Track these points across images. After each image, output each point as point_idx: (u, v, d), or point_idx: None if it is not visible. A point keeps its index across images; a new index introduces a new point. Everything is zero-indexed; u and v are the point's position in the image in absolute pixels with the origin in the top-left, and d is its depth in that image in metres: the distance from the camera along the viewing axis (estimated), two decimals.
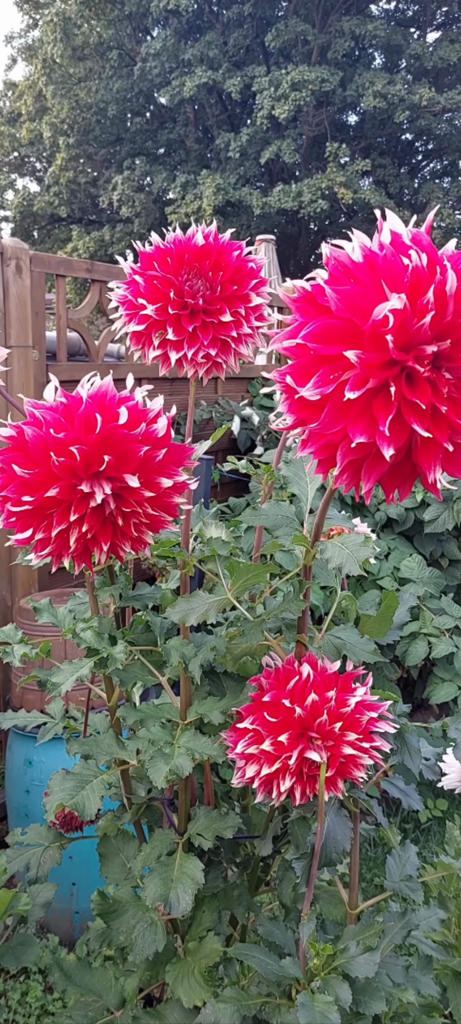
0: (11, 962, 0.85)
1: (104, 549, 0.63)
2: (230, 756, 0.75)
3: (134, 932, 0.86)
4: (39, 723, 1.06)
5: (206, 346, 0.72)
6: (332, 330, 0.47)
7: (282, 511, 0.73)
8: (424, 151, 15.70)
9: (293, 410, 0.51)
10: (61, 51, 14.53)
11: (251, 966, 0.89)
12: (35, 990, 1.60)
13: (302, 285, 0.49)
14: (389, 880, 0.87)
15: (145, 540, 0.67)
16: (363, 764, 0.75)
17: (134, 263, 0.77)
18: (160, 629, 0.87)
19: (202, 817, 0.84)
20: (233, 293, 0.74)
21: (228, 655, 0.82)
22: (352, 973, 0.73)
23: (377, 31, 13.22)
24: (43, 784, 1.78)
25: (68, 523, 0.60)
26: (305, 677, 0.74)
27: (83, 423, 0.60)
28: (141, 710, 0.80)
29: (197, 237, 0.74)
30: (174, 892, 0.75)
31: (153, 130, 15.57)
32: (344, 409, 0.47)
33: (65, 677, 0.72)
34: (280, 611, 0.76)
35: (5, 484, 0.61)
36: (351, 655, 0.76)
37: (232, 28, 14.15)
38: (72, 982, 0.93)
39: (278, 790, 0.73)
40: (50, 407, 0.61)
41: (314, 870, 0.74)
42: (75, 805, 0.74)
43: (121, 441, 0.61)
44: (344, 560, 0.64)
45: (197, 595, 0.78)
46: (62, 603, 1.01)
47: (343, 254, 0.48)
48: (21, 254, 1.98)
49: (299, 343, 0.48)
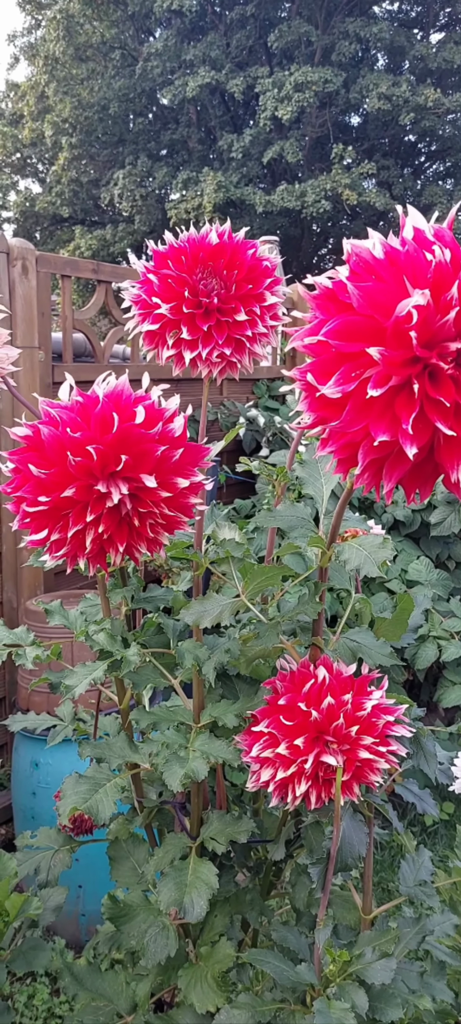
0: (22, 967, 0.85)
1: (120, 550, 0.62)
2: (245, 760, 0.75)
3: (146, 936, 0.86)
4: (48, 726, 1.06)
5: (221, 345, 0.71)
6: (354, 327, 0.46)
7: (297, 512, 0.73)
8: (427, 152, 15.69)
9: (313, 408, 0.50)
10: (64, 48, 14.55)
11: (264, 971, 0.88)
12: (42, 993, 1.60)
13: (323, 282, 0.48)
14: (403, 885, 0.86)
15: (161, 541, 0.66)
16: (379, 768, 0.74)
17: (139, 262, 0.76)
18: (173, 631, 0.86)
19: (215, 821, 0.83)
20: (248, 292, 0.73)
21: (242, 658, 0.81)
22: (368, 979, 0.73)
23: (381, 32, 13.22)
24: (50, 786, 1.77)
25: (84, 524, 0.59)
26: (321, 680, 0.73)
27: (99, 422, 0.60)
28: (154, 713, 0.79)
29: (211, 236, 0.74)
30: (188, 897, 0.75)
31: (156, 131, 15.58)
32: (366, 407, 0.47)
33: (79, 680, 0.71)
34: (295, 613, 0.75)
35: (20, 484, 0.61)
36: (367, 658, 0.76)
37: (235, 29, 14.15)
38: (83, 986, 0.92)
39: (293, 794, 0.72)
40: (66, 406, 0.60)
41: (330, 875, 0.74)
42: (89, 809, 0.74)
43: (138, 440, 0.60)
44: (362, 561, 0.63)
45: (211, 597, 0.78)
46: (69, 605, 1.00)
47: (365, 250, 0.48)
48: (27, 254, 1.98)
49: (321, 340, 0.47)
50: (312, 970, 0.74)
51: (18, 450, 0.61)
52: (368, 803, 0.84)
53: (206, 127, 15.37)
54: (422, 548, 2.38)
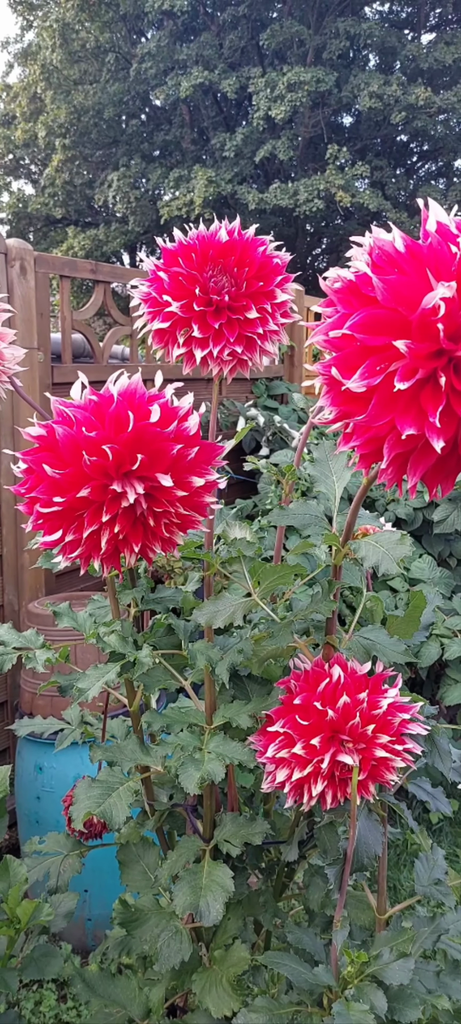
0: (34, 974, 0.84)
1: (135, 550, 0.62)
2: (259, 760, 0.74)
3: (159, 941, 0.85)
4: (56, 730, 1.05)
5: (232, 343, 0.70)
6: (379, 320, 0.46)
7: (310, 510, 0.72)
8: (419, 152, 15.71)
9: (336, 403, 0.50)
10: (60, 56, 14.52)
11: (279, 974, 0.88)
12: (49, 999, 1.58)
13: (346, 275, 0.48)
14: (418, 884, 0.86)
15: (175, 541, 0.66)
16: (395, 767, 0.73)
17: (148, 259, 0.75)
18: (184, 632, 0.85)
19: (229, 823, 0.82)
20: (259, 289, 0.72)
21: (254, 658, 0.80)
22: (387, 980, 0.72)
23: (372, 32, 13.22)
24: (54, 790, 1.76)
25: (100, 524, 0.59)
26: (336, 679, 0.72)
27: (114, 421, 0.59)
28: (166, 715, 0.78)
29: (221, 233, 0.73)
30: (204, 900, 0.74)
31: (149, 132, 15.56)
32: (391, 401, 0.46)
33: (92, 682, 0.71)
34: (309, 612, 0.74)
35: (34, 485, 0.60)
36: (381, 656, 0.75)
37: (227, 30, 14.13)
38: (95, 993, 0.91)
39: (309, 795, 0.72)
40: (81, 405, 0.59)
41: (346, 876, 0.73)
42: (102, 813, 0.73)
43: (153, 439, 0.59)
44: (380, 559, 0.63)
45: (223, 597, 0.77)
46: (72, 607, 0.99)
47: (387, 243, 0.47)
48: (25, 255, 1.97)
49: (345, 334, 0.46)
50: (330, 972, 0.73)
51: (31, 450, 0.61)
52: (381, 802, 0.84)
53: (199, 128, 15.35)
54: (424, 546, 2.38)
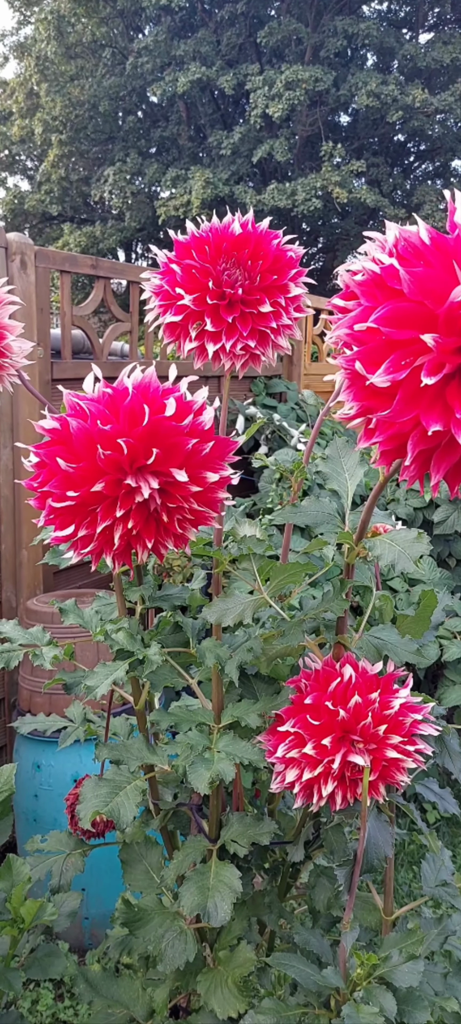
0: (38, 974, 0.83)
1: (148, 547, 0.61)
2: (269, 760, 0.73)
3: (163, 941, 0.84)
4: (59, 727, 1.04)
5: (245, 337, 0.69)
6: (405, 313, 0.45)
7: (323, 508, 0.71)
8: (416, 152, 15.73)
9: (358, 398, 0.49)
10: (55, 49, 14.47)
11: (285, 975, 0.87)
12: (46, 998, 1.57)
13: (370, 267, 0.47)
14: (425, 885, 0.85)
15: (187, 537, 0.65)
16: (406, 768, 0.73)
17: (161, 252, 0.74)
18: (192, 630, 0.85)
19: (236, 823, 0.81)
20: (272, 283, 0.71)
21: (262, 657, 0.79)
22: (396, 982, 0.71)
23: (370, 31, 13.22)
24: (52, 788, 1.75)
25: (113, 519, 0.58)
26: (347, 679, 0.71)
27: (128, 415, 0.58)
28: (174, 714, 0.77)
29: (234, 225, 0.72)
30: (212, 901, 0.73)
31: (146, 128, 15.52)
32: (417, 396, 0.45)
33: (100, 680, 0.70)
34: (320, 611, 0.73)
35: (47, 479, 0.59)
36: (393, 655, 0.74)
37: (225, 27, 14.11)
38: (98, 993, 0.90)
39: (319, 795, 0.71)
40: (95, 398, 0.59)
41: (356, 877, 0.72)
42: (110, 812, 0.72)
43: (168, 434, 0.58)
44: (396, 557, 0.62)
45: (233, 595, 0.76)
46: (60, 603, 0.98)
47: (414, 235, 0.46)
48: (26, 249, 1.95)
49: (371, 327, 0.45)
50: (338, 973, 0.73)
51: (44, 444, 0.60)
52: (389, 803, 0.83)
53: (196, 125, 15.32)
54: None
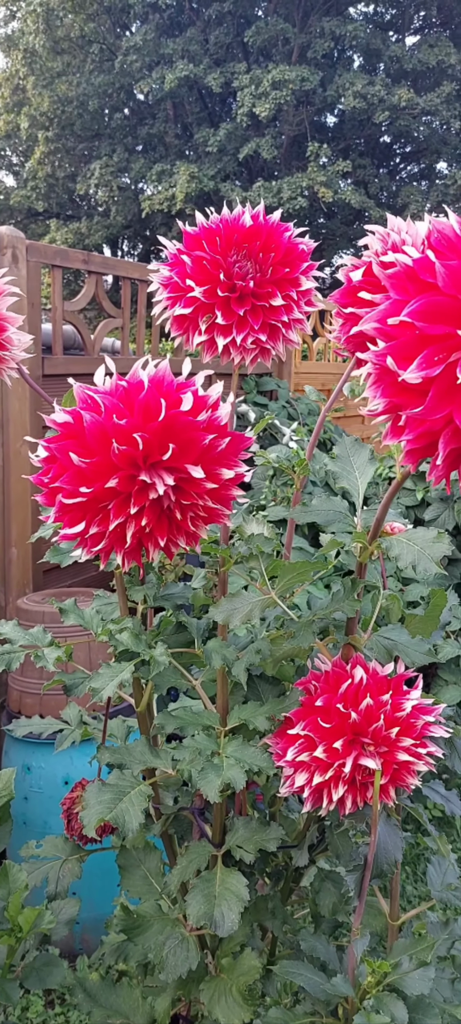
0: (36, 984, 0.81)
1: (160, 545, 0.59)
2: (278, 764, 0.72)
3: (165, 949, 0.82)
4: (55, 730, 1.02)
5: (256, 331, 0.68)
6: (440, 307, 0.43)
7: (335, 506, 0.70)
8: (402, 154, 15.81)
9: (387, 394, 0.47)
10: (43, 42, 14.34)
11: (291, 982, 0.86)
12: (36, 1005, 1.55)
13: (403, 259, 0.45)
14: (433, 889, 0.84)
15: (199, 535, 0.63)
16: (416, 771, 0.71)
17: (170, 243, 0.72)
18: (197, 630, 0.83)
19: (241, 828, 0.80)
20: (284, 276, 0.70)
21: (269, 658, 0.78)
22: (406, 990, 0.70)
23: (357, 32, 13.27)
24: (43, 791, 1.72)
25: (126, 516, 0.56)
26: (358, 680, 0.70)
27: (143, 409, 0.56)
28: (180, 717, 0.75)
29: (245, 217, 0.70)
30: (218, 910, 0.71)
31: (132, 125, 15.44)
32: (450, 393, 0.44)
33: (105, 681, 0.68)
34: (330, 611, 0.72)
35: (58, 474, 0.57)
36: (403, 656, 0.73)
37: (212, 26, 14.08)
38: (97, 1003, 0.88)
39: (329, 799, 0.69)
40: (108, 391, 0.57)
41: (366, 883, 0.71)
42: (115, 818, 0.70)
43: (183, 429, 0.56)
44: (415, 557, 0.60)
45: (240, 594, 0.74)
46: (59, 603, 0.95)
47: (448, 227, 0.45)
48: (17, 243, 1.92)
49: (404, 321, 0.44)
50: (347, 981, 0.71)
51: (55, 438, 0.57)
52: (397, 806, 0.82)
53: (183, 123, 15.27)
54: None
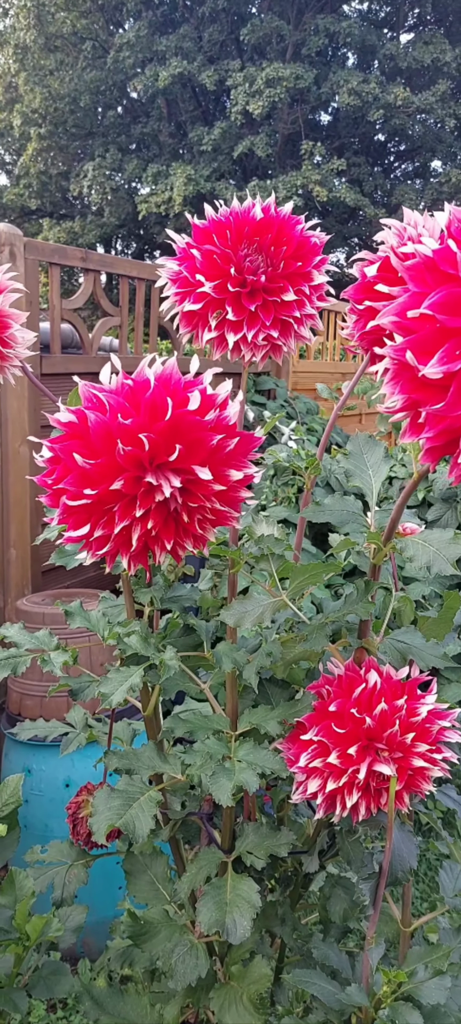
0: (43, 993, 0.79)
1: (167, 548, 0.57)
2: (291, 770, 0.70)
3: (173, 956, 0.80)
4: (59, 733, 1.00)
5: (268, 327, 0.66)
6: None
7: (348, 506, 0.68)
8: (397, 152, 15.80)
9: (405, 390, 0.46)
10: (35, 38, 14.29)
11: (302, 991, 0.84)
12: (38, 1009, 1.53)
13: (423, 250, 0.44)
14: (446, 895, 0.83)
15: (206, 537, 0.61)
16: (431, 776, 0.70)
17: (179, 236, 0.71)
18: (206, 633, 0.81)
19: (251, 834, 0.78)
20: (296, 270, 0.68)
21: (280, 661, 0.76)
22: (422, 999, 0.69)
23: (351, 30, 13.25)
24: (43, 794, 1.70)
25: (132, 519, 0.54)
26: (372, 685, 0.69)
27: (150, 409, 0.54)
28: (190, 721, 0.74)
29: (255, 210, 0.69)
30: (230, 917, 0.70)
31: (126, 124, 15.40)
32: None
33: (115, 687, 0.66)
34: (343, 614, 0.70)
35: (61, 476, 0.55)
36: (418, 660, 0.72)
37: (206, 23, 14.04)
38: (104, 1010, 0.87)
39: (342, 805, 0.68)
40: (114, 390, 0.55)
41: (381, 890, 0.70)
42: (124, 825, 0.68)
43: (191, 429, 0.55)
44: (431, 558, 0.59)
45: (251, 597, 0.73)
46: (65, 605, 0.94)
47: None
48: (15, 240, 1.90)
49: (424, 313, 0.42)
50: (362, 991, 0.70)
51: (59, 438, 0.56)
52: (409, 812, 0.80)
53: (176, 121, 15.23)
54: None
